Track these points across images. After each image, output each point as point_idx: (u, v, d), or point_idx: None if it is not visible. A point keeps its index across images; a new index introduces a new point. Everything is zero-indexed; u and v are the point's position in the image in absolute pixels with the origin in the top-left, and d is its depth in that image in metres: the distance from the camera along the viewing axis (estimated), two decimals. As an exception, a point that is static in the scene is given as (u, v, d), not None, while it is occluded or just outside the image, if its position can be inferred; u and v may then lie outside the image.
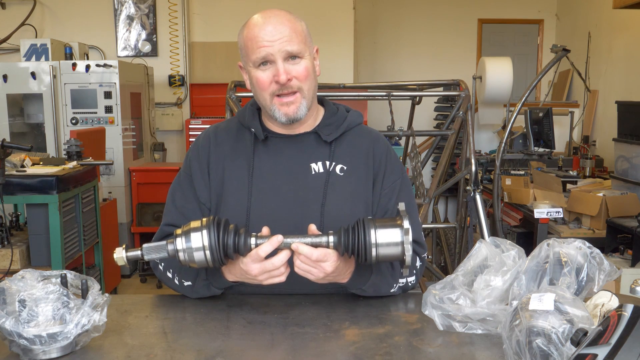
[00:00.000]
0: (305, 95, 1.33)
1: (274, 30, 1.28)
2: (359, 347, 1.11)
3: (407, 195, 1.44)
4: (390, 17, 6.98)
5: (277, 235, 1.18)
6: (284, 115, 1.33)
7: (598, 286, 1.14)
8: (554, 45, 3.58)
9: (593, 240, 3.59)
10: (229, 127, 1.47)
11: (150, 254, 1.17)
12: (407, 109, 3.98)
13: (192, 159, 1.44)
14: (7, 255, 3.02)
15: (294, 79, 1.30)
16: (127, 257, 1.17)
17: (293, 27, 1.30)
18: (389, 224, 1.16)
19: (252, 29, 1.30)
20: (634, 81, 5.00)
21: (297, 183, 1.37)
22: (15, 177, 3.01)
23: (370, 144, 1.43)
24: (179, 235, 1.16)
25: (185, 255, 1.15)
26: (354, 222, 1.19)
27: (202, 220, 1.17)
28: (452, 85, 3.41)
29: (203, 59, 6.20)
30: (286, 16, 1.31)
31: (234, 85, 3.15)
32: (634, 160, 3.58)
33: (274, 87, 1.30)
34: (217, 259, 1.16)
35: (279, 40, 1.27)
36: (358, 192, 1.39)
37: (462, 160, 3.20)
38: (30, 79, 4.72)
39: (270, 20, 1.29)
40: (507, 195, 4.10)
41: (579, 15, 6.34)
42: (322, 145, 1.40)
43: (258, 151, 1.40)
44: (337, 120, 1.42)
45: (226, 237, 1.16)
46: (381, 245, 1.15)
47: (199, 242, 1.14)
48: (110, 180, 4.85)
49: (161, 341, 1.15)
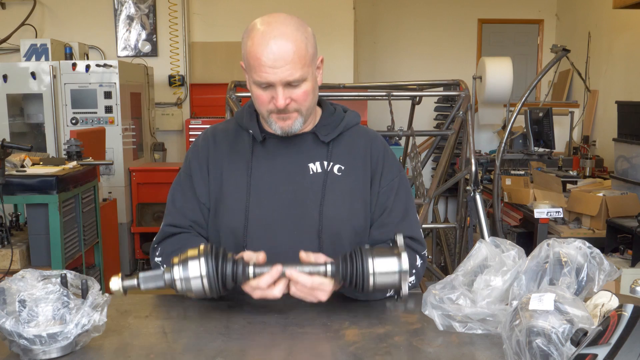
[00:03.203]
0: (302, 113, 1.34)
1: (277, 54, 1.24)
2: (359, 347, 1.11)
3: (405, 194, 1.45)
4: (390, 17, 6.98)
5: (276, 266, 1.18)
6: (279, 129, 1.35)
7: (598, 286, 1.14)
8: (554, 45, 3.58)
9: (593, 240, 3.58)
10: (227, 128, 1.47)
11: (147, 283, 1.17)
12: (407, 109, 3.97)
13: (192, 159, 1.45)
14: (7, 255, 3.02)
15: (292, 102, 1.30)
16: (123, 287, 1.16)
17: (297, 50, 1.26)
18: (387, 253, 1.18)
19: (256, 47, 1.26)
20: (634, 81, 5.00)
21: (295, 183, 1.37)
22: (15, 177, 3.01)
23: (368, 144, 1.44)
24: (175, 264, 1.16)
25: (182, 285, 1.15)
26: (351, 251, 1.20)
27: (200, 249, 1.16)
28: (452, 85, 3.41)
29: (203, 59, 6.20)
30: (292, 35, 1.26)
31: (234, 85, 3.15)
32: (634, 160, 3.58)
33: (272, 107, 1.31)
34: (214, 288, 1.16)
35: (282, 69, 1.25)
36: (356, 191, 1.39)
37: (462, 160, 3.20)
38: (30, 79, 4.71)
39: (275, 41, 1.24)
40: (507, 195, 4.10)
41: (579, 15, 6.34)
42: (320, 145, 1.41)
43: (256, 152, 1.40)
44: (335, 121, 1.43)
45: (225, 266, 1.16)
46: (378, 274, 1.16)
47: (197, 271, 1.14)
48: (110, 180, 4.84)
49: (161, 341, 1.15)
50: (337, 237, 1.37)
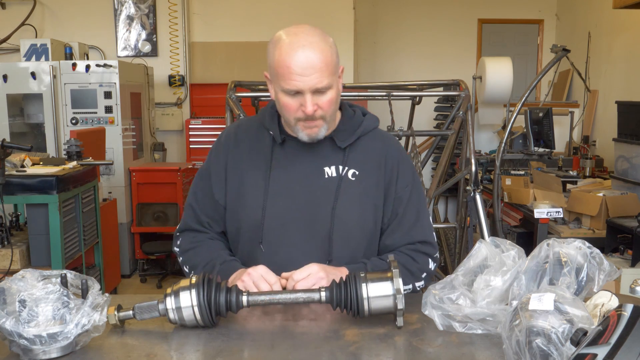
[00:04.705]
0: (327, 120, 1.38)
1: (306, 63, 1.29)
2: (359, 347, 1.11)
3: (417, 199, 1.49)
4: (390, 17, 6.98)
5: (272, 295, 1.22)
6: (306, 136, 1.39)
7: (598, 286, 1.14)
8: (554, 45, 3.59)
9: (593, 240, 3.57)
10: (251, 126, 1.52)
11: (142, 313, 1.19)
12: (407, 109, 3.97)
13: (213, 157, 1.51)
14: (7, 255, 3.02)
15: (319, 109, 1.34)
16: (119, 318, 1.18)
17: (324, 59, 1.31)
18: (380, 277, 1.18)
19: (285, 56, 1.30)
20: (634, 81, 5.00)
21: (310, 185, 1.42)
22: (15, 177, 3.01)
23: (384, 149, 1.48)
24: (168, 294, 1.17)
25: (174, 315, 1.16)
26: (345, 277, 1.21)
27: (192, 279, 1.18)
28: (452, 85, 3.41)
29: (203, 59, 6.20)
30: (318, 43, 1.31)
31: (234, 85, 3.16)
32: (634, 160, 3.58)
33: (300, 114, 1.35)
34: (206, 318, 1.16)
35: (310, 77, 1.30)
36: (368, 196, 1.44)
37: (462, 160, 3.20)
38: (30, 79, 4.71)
39: (303, 50, 1.29)
40: (507, 195, 4.10)
41: (579, 15, 6.34)
42: (337, 150, 1.45)
43: (276, 152, 1.45)
44: (353, 126, 1.47)
45: (217, 295, 1.17)
46: (373, 299, 1.17)
47: (188, 301, 1.15)
48: (110, 180, 4.84)
49: (161, 341, 1.15)
50: (348, 240, 1.41)
